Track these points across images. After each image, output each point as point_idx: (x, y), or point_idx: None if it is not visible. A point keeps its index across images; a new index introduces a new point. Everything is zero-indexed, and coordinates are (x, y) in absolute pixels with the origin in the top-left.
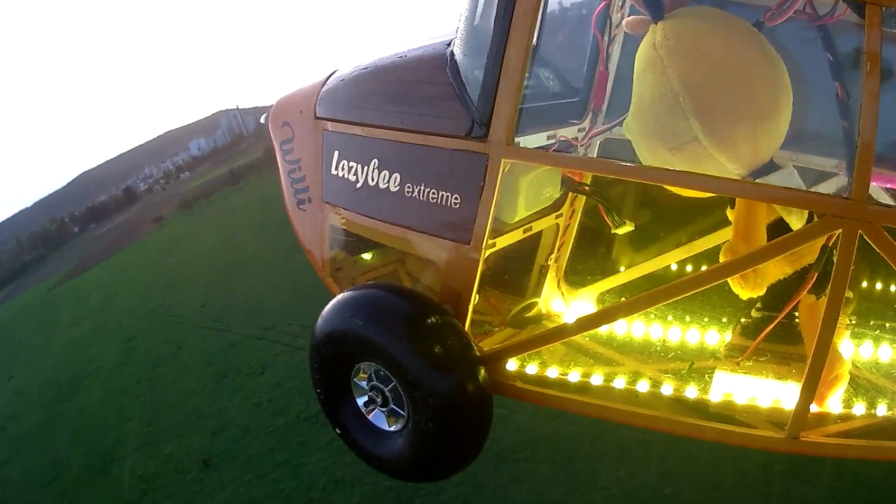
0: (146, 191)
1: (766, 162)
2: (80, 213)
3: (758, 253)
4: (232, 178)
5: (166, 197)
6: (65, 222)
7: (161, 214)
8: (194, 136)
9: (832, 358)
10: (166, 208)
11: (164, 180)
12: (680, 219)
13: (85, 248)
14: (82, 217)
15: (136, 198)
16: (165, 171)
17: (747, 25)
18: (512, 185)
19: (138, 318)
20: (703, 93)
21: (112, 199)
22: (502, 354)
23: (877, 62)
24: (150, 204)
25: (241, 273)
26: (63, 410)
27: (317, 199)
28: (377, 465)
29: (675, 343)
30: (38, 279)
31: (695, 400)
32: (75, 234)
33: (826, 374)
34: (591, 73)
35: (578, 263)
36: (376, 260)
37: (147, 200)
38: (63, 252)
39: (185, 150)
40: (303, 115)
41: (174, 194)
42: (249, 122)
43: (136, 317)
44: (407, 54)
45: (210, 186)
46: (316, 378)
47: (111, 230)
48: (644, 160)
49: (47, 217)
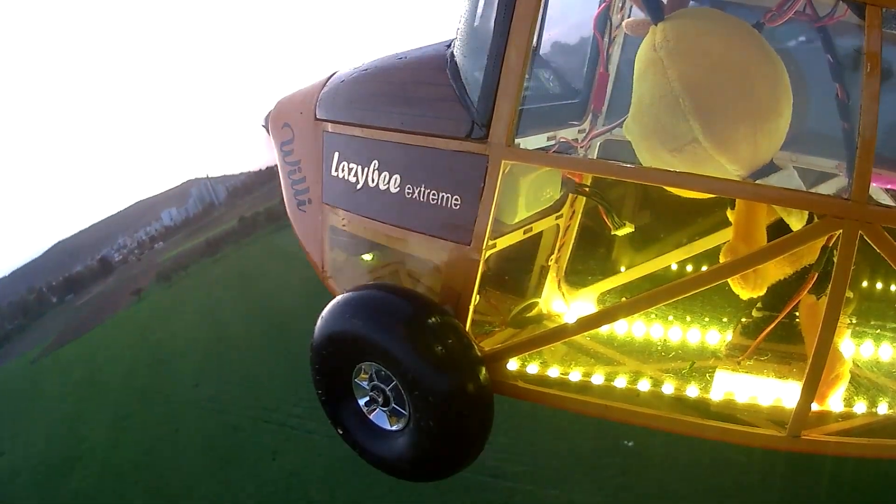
0: (121, 261)
1: (766, 163)
2: (58, 283)
3: (758, 253)
4: (208, 248)
5: (142, 268)
6: (43, 292)
7: (139, 287)
8: (165, 205)
9: (833, 357)
10: (144, 280)
11: (138, 250)
12: (680, 219)
13: (64, 319)
14: (60, 287)
15: (111, 268)
16: (139, 241)
17: (747, 26)
18: (512, 186)
19: (127, 396)
20: (703, 94)
21: (88, 270)
22: (503, 354)
23: (877, 63)
24: (126, 275)
25: (231, 350)
26: (58, 493)
27: (317, 200)
28: (379, 465)
29: (676, 343)
30: (19, 350)
31: (696, 399)
32: (54, 305)
33: (827, 373)
34: (591, 75)
35: (579, 264)
36: (377, 261)
37: (123, 271)
38: (43, 323)
39: (158, 220)
40: (303, 117)
41: (150, 265)
42: (220, 191)
43: (124, 394)
44: (407, 56)
45: (187, 257)
46: (317, 379)
47: (89, 301)
48: (644, 161)
49: (25, 287)
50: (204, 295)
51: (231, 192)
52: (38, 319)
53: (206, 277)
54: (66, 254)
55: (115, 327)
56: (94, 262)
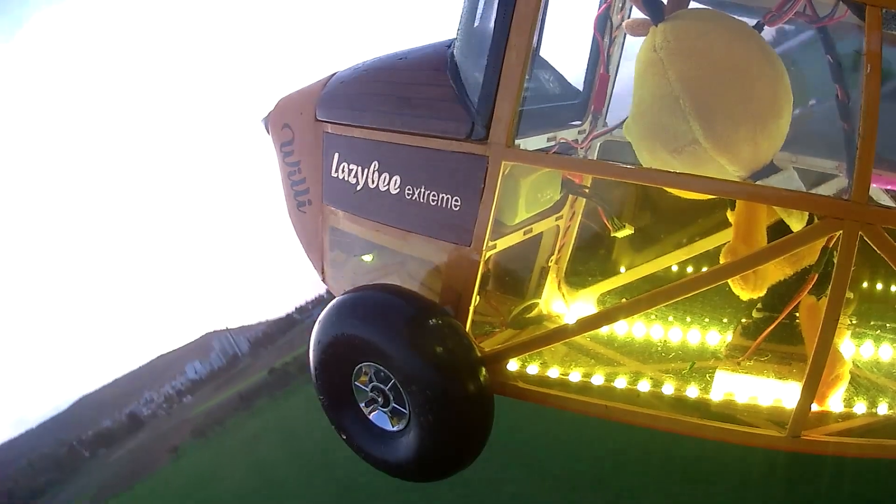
0: (151, 416)
1: (766, 163)
2: (88, 437)
3: (758, 254)
4: (242, 402)
5: (174, 423)
6: (74, 446)
7: (175, 444)
8: (187, 358)
9: (833, 358)
10: (178, 436)
11: (166, 405)
12: (680, 220)
13: (99, 475)
14: (91, 441)
15: (141, 423)
16: (166, 396)
17: (747, 27)
18: (512, 187)
19: None
20: (704, 94)
21: (117, 424)
22: (503, 355)
23: (877, 64)
24: (158, 430)
25: None
26: None
27: (317, 201)
28: (381, 467)
29: (676, 343)
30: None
31: (696, 399)
32: (86, 458)
33: (827, 374)
34: (591, 75)
35: (579, 265)
36: (377, 262)
37: (154, 426)
38: (78, 478)
39: (182, 374)
40: (303, 117)
41: (182, 420)
42: (242, 342)
43: None
44: (407, 56)
45: (220, 412)
46: (318, 382)
47: (123, 457)
48: (644, 162)
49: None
50: (247, 451)
51: (253, 342)
52: (72, 474)
53: (246, 433)
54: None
55: (155, 486)
56: (123, 417)
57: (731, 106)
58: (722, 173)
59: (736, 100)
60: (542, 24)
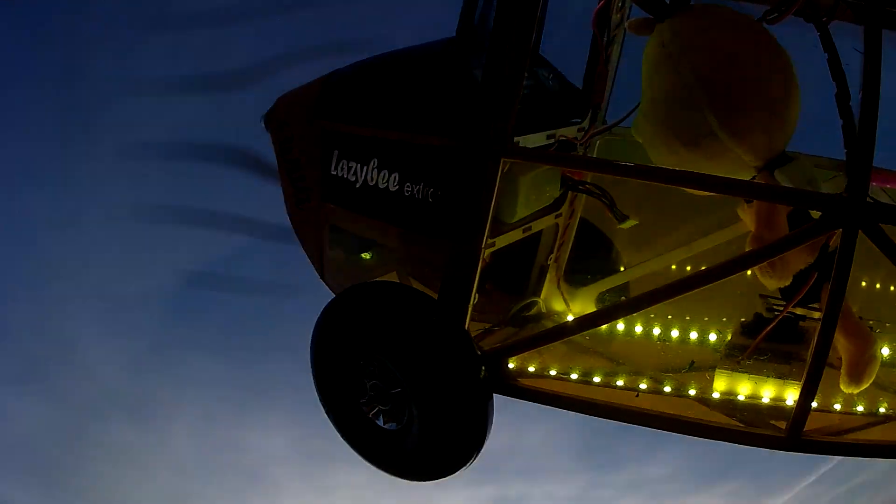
0: None
1: (780, 152)
2: None
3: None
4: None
5: None
6: None
7: None
8: None
9: (866, 339)
10: None
11: None
12: (681, 218)
13: None
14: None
15: None
16: None
17: (752, 18)
18: (511, 184)
19: None
20: (718, 86)
21: None
22: (502, 353)
23: (877, 63)
24: None
25: None
26: None
27: (316, 198)
28: (380, 465)
29: (676, 342)
30: None
31: (695, 398)
32: None
33: (860, 353)
34: (591, 73)
35: (579, 263)
36: (375, 259)
37: None
38: None
39: None
40: (302, 115)
41: None
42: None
43: None
44: (406, 53)
45: None
46: (317, 382)
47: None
48: (658, 159)
49: None
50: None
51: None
52: None
53: None
54: None
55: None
56: None
57: (746, 95)
58: (737, 164)
59: (750, 89)
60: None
